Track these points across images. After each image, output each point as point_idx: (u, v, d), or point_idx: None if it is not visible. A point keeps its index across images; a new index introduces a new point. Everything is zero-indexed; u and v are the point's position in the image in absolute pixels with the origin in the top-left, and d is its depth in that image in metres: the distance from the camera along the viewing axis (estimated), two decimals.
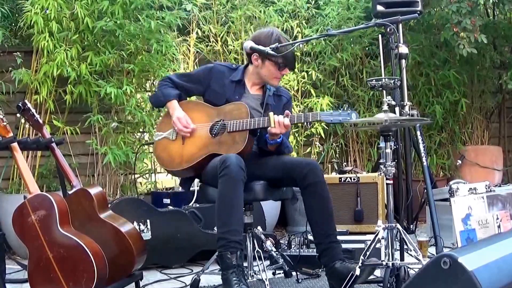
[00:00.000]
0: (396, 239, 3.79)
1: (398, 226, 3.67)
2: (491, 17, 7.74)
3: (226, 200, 3.87)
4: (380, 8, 6.12)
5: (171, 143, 4.32)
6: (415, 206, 5.99)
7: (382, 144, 3.65)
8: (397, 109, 4.07)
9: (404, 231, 3.72)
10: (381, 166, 3.64)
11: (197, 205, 5.54)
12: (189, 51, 6.71)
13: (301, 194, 4.14)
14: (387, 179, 3.64)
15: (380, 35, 4.01)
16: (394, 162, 3.68)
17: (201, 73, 4.46)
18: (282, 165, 4.22)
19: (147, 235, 5.04)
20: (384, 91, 3.70)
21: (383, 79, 3.63)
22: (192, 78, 4.48)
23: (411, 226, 5.77)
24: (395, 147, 3.71)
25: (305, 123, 4.47)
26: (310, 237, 4.88)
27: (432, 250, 5.21)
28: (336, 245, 4.12)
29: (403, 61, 5.45)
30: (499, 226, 5.43)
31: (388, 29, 4.01)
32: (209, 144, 4.21)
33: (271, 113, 4.08)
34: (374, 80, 3.66)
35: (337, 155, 7.16)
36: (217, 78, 4.39)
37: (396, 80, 3.66)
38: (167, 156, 4.31)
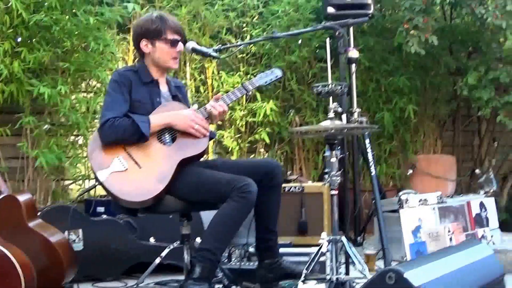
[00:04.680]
0: (342, 252, 3.82)
1: (343, 238, 3.70)
2: (448, 21, 7.87)
3: (238, 221, 3.90)
4: (330, 10, 6.14)
5: (127, 173, 3.95)
6: (364, 217, 6.03)
7: (327, 153, 3.68)
8: (344, 116, 4.10)
9: (349, 244, 3.75)
10: (326, 176, 3.67)
11: None
12: (129, 50, 6.66)
13: (262, 193, 4.08)
14: (332, 189, 3.68)
15: (328, 39, 4.04)
16: (340, 172, 3.72)
17: (122, 86, 4.14)
18: (242, 167, 4.23)
19: (79, 246, 4.97)
20: (331, 97, 3.74)
21: (330, 85, 3.66)
22: (125, 97, 4.13)
23: (359, 238, 5.82)
24: (341, 156, 3.74)
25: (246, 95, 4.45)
26: (251, 250, 4.88)
27: (380, 263, 5.23)
28: (278, 245, 4.29)
29: (353, 65, 5.49)
30: (451, 239, 5.50)
31: (337, 33, 4.04)
32: (171, 153, 4.04)
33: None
34: (320, 86, 3.69)
35: (282, 163, 7.16)
36: (130, 86, 4.16)
37: (343, 86, 3.69)
38: (134, 188, 3.92)
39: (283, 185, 5.43)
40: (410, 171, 7.43)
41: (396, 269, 2.99)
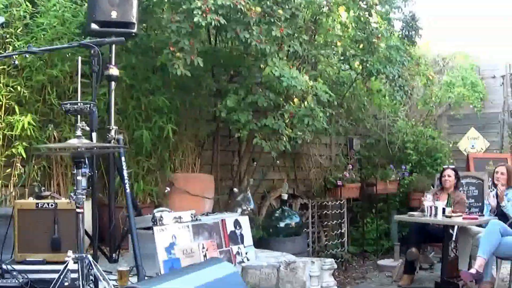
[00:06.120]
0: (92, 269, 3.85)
1: (89, 256, 3.74)
2: (212, 44, 8.05)
3: None
4: (94, 26, 6.11)
5: None
6: (120, 234, 6.06)
7: (74, 171, 3.71)
8: (94, 134, 4.13)
9: (94, 262, 3.80)
10: (71, 194, 3.69)
11: None
12: None
13: None
14: (77, 207, 3.70)
15: (79, 57, 4.07)
16: (87, 190, 3.75)
17: None
18: None
19: None
20: (79, 116, 3.76)
21: (78, 103, 3.69)
22: None
23: (114, 254, 5.84)
24: (89, 173, 3.77)
25: None
26: (5, 267, 4.79)
27: (134, 279, 5.28)
28: None
29: (113, 83, 5.53)
30: (205, 255, 5.69)
31: (92, 51, 4.08)
32: None
33: None
34: (68, 104, 3.71)
35: (39, 178, 6.94)
36: None
37: (91, 105, 3.74)
38: None
39: (36, 201, 5.38)
40: (168, 189, 7.43)
41: (136, 286, 3.07)
